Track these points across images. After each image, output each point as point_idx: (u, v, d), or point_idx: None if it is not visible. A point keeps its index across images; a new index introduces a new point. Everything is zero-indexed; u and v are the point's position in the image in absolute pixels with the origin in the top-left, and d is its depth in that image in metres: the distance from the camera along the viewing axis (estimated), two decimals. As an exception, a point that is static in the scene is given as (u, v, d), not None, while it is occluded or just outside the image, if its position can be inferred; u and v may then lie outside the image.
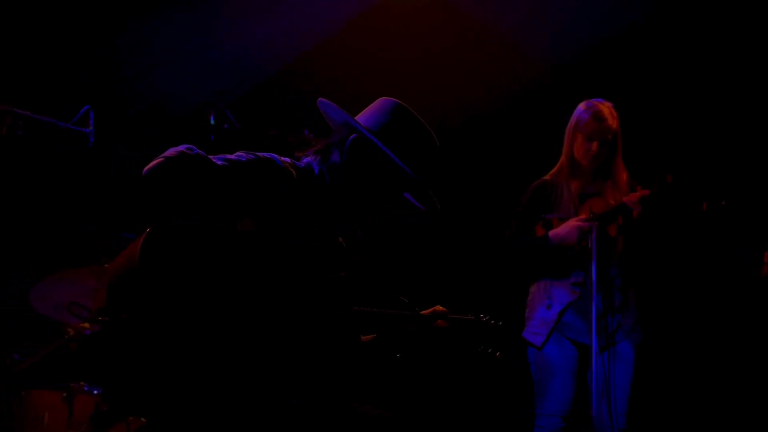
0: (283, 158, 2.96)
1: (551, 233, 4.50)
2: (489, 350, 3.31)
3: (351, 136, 2.93)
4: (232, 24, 5.48)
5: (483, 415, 5.85)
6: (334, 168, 2.94)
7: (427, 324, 3.15)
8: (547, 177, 4.70)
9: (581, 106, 4.62)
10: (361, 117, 3.03)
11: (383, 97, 3.06)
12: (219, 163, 2.74)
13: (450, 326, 3.17)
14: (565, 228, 4.46)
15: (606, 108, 4.58)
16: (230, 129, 4.09)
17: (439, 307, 3.23)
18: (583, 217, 4.45)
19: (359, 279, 3.03)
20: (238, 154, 2.83)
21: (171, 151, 2.68)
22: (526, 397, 4.74)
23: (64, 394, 4.54)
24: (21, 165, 4.13)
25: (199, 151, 2.72)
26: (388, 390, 5.12)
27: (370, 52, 5.76)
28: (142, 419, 4.54)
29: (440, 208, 3.05)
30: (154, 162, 2.64)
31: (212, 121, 4.06)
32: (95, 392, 4.61)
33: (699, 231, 5.13)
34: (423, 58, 5.82)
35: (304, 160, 3.02)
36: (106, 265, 5.06)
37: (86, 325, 4.78)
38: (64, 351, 4.87)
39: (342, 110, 2.98)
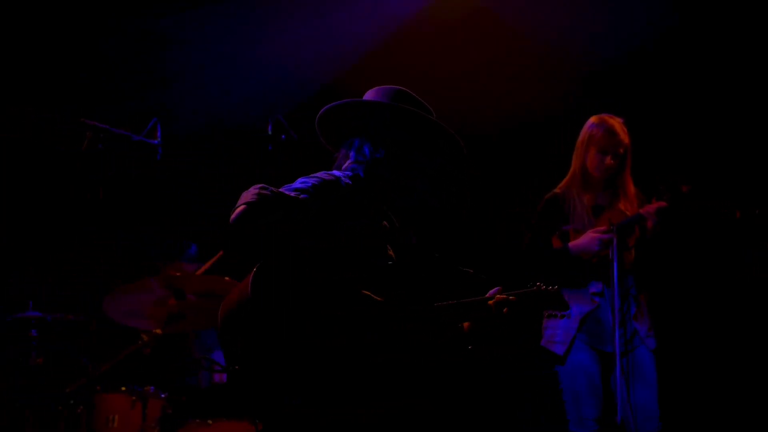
0: (332, 173, 3.10)
1: (571, 244, 4.63)
2: (558, 314, 3.41)
3: (369, 122, 3.15)
4: (287, 36, 5.60)
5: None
6: (373, 162, 3.14)
7: (492, 309, 3.11)
8: (557, 190, 4.80)
9: (592, 120, 4.74)
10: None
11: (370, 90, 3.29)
12: (292, 194, 2.88)
13: (517, 301, 3.13)
14: (585, 239, 4.59)
15: (617, 123, 4.71)
16: (288, 139, 4.23)
17: (493, 290, 3.18)
18: (602, 228, 4.56)
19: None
20: (302, 181, 2.98)
21: (249, 196, 2.81)
22: (527, 397, 4.80)
23: (134, 398, 4.75)
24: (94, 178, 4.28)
25: (272, 188, 2.86)
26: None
27: (415, 62, 5.86)
28: (209, 421, 4.76)
29: (466, 151, 3.21)
30: (238, 210, 2.78)
31: (270, 132, 4.20)
32: (162, 395, 4.81)
33: (723, 237, 5.24)
34: (466, 68, 5.92)
35: (348, 167, 3.17)
36: (179, 273, 5.32)
37: (158, 331, 5.04)
38: (137, 356, 5.11)
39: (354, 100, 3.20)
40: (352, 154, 3.19)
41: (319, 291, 2.82)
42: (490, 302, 3.09)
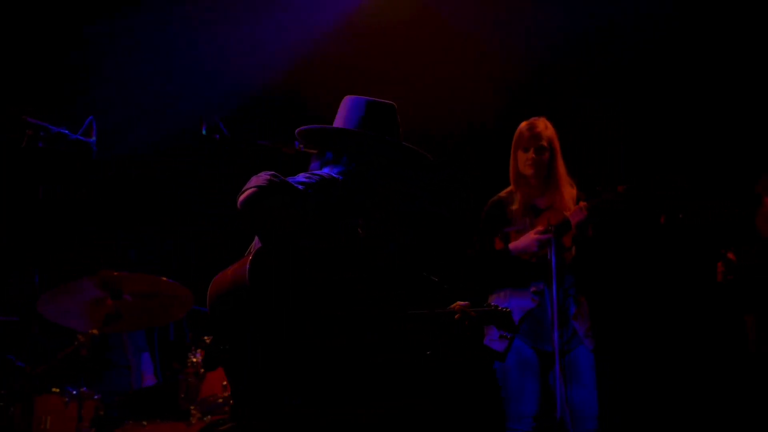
0: (328, 173, 3.27)
1: (511, 245, 4.74)
2: (508, 335, 3.54)
3: (347, 141, 3.29)
4: (224, 37, 5.61)
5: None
6: (348, 171, 3.28)
7: (452, 319, 3.32)
8: (502, 194, 4.95)
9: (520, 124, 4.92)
10: (339, 120, 3.41)
11: (347, 96, 3.47)
12: (300, 188, 3.00)
13: (476, 317, 3.36)
14: (524, 240, 4.70)
15: (539, 120, 4.88)
16: (222, 139, 4.20)
17: (459, 303, 3.41)
18: (540, 228, 4.67)
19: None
20: (306, 176, 3.13)
21: (260, 180, 2.91)
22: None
23: (66, 399, 4.71)
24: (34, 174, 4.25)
25: (282, 177, 2.97)
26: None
27: (354, 63, 5.95)
28: (144, 422, 4.74)
29: (431, 157, 3.40)
30: (248, 192, 2.89)
31: (204, 132, 4.16)
32: (96, 396, 4.77)
33: (654, 241, 5.32)
34: (408, 69, 6.00)
35: (324, 171, 3.30)
36: (116, 273, 5.26)
37: (95, 331, 4.92)
38: (74, 357, 5.05)
39: (325, 126, 3.35)
40: (325, 163, 3.36)
41: (317, 288, 2.90)
42: (456, 316, 3.28)
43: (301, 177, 3.11)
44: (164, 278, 5.06)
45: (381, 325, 3.04)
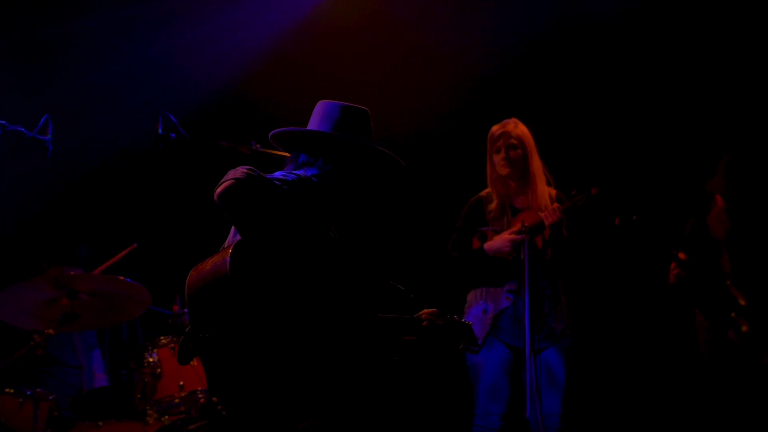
0: (302, 173, 3.32)
1: (486, 245, 4.77)
2: (470, 347, 3.61)
3: (322, 144, 3.35)
4: (181, 38, 5.61)
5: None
6: (323, 174, 3.32)
7: (420, 326, 3.39)
8: (482, 194, 4.99)
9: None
10: (314, 124, 3.46)
11: (320, 101, 3.51)
12: (276, 183, 3.06)
13: (442, 325, 3.44)
14: (499, 240, 4.73)
15: (510, 121, 4.93)
16: (178, 138, 4.21)
17: (426, 310, 3.47)
18: (515, 229, 4.72)
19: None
20: (283, 174, 3.19)
21: (237, 173, 2.97)
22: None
23: (20, 400, 4.67)
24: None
25: (259, 171, 3.02)
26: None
27: (310, 64, 5.99)
28: (99, 423, 4.71)
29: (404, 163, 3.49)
30: (225, 184, 2.94)
31: (160, 131, 4.17)
32: (50, 397, 4.73)
33: (616, 242, 5.40)
34: (361, 69, 6.02)
35: (299, 172, 3.33)
36: (72, 272, 5.22)
37: (51, 331, 4.88)
38: (30, 357, 4.99)
39: (300, 128, 3.39)
40: (299, 165, 3.37)
41: (290, 286, 2.96)
42: (424, 323, 3.37)
43: (278, 174, 3.18)
44: (121, 277, 5.04)
45: (350, 326, 3.10)
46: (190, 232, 5.86)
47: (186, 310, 5.32)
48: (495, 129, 4.91)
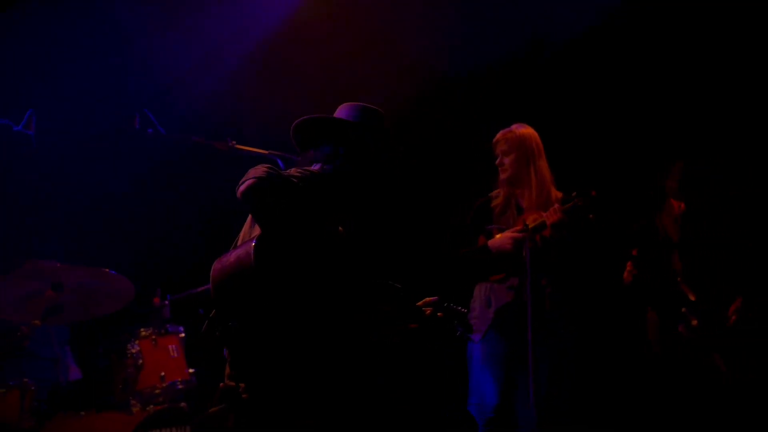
0: (317, 169, 3.48)
1: (490, 242, 4.89)
2: (465, 333, 3.73)
3: (349, 134, 3.51)
4: (159, 34, 5.68)
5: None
6: (341, 166, 3.49)
7: (422, 315, 3.54)
8: (492, 194, 5.13)
9: None
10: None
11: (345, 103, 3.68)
12: (294, 180, 3.20)
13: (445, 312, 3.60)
14: (502, 239, 4.85)
15: (512, 127, 5.06)
16: (155, 134, 4.29)
17: (428, 299, 3.62)
18: (518, 228, 4.84)
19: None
20: (298, 170, 3.32)
21: (258, 171, 3.13)
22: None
23: (3, 390, 4.72)
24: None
25: (278, 170, 3.18)
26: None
27: (291, 62, 6.06)
28: (81, 413, 4.79)
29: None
30: (247, 182, 3.09)
31: (137, 126, 4.25)
32: (32, 388, 4.79)
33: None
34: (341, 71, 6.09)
35: (315, 167, 3.50)
36: (59, 264, 5.28)
37: (37, 322, 4.97)
38: (15, 348, 5.05)
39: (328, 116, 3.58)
40: (321, 156, 3.53)
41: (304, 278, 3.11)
42: (428, 310, 3.53)
43: (294, 170, 3.30)
44: (106, 269, 5.12)
45: (355, 317, 3.26)
46: (172, 226, 5.94)
47: (167, 302, 5.43)
48: (497, 135, 5.07)
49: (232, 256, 3.16)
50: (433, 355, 5.82)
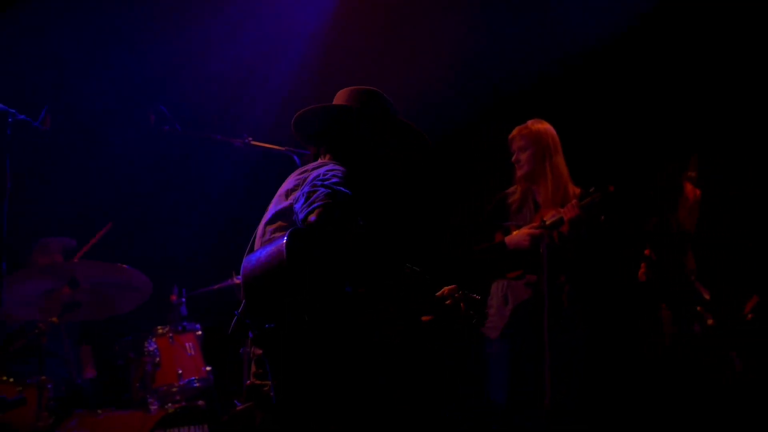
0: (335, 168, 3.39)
1: (507, 239, 4.87)
2: (482, 320, 3.65)
3: (348, 122, 3.47)
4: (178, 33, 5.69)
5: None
6: (348, 155, 3.47)
7: (442, 305, 3.47)
8: (509, 190, 5.09)
9: None
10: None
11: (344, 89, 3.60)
12: (348, 192, 3.15)
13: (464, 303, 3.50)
14: (519, 235, 4.83)
15: (527, 123, 5.01)
16: (171, 130, 4.26)
17: (447, 288, 3.52)
18: (535, 224, 4.81)
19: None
20: (335, 175, 3.24)
21: (322, 197, 3.07)
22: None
23: (20, 388, 4.68)
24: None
25: (333, 186, 3.13)
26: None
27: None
28: (98, 411, 4.77)
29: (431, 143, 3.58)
30: (317, 211, 3.04)
31: (153, 123, 4.23)
32: (49, 386, 4.77)
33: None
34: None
35: (331, 165, 3.40)
36: (75, 260, 5.27)
37: (55, 319, 4.96)
38: (34, 345, 5.00)
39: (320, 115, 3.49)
40: (329, 149, 3.50)
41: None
42: (448, 302, 3.46)
43: (333, 178, 3.23)
44: (124, 266, 5.10)
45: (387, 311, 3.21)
46: (189, 223, 5.93)
47: (183, 299, 5.42)
48: (513, 132, 5.02)
49: (263, 254, 3.10)
50: (433, 355, 5.75)
